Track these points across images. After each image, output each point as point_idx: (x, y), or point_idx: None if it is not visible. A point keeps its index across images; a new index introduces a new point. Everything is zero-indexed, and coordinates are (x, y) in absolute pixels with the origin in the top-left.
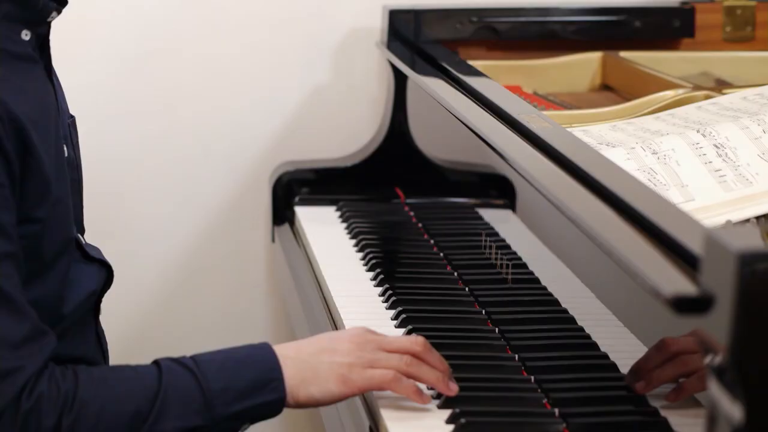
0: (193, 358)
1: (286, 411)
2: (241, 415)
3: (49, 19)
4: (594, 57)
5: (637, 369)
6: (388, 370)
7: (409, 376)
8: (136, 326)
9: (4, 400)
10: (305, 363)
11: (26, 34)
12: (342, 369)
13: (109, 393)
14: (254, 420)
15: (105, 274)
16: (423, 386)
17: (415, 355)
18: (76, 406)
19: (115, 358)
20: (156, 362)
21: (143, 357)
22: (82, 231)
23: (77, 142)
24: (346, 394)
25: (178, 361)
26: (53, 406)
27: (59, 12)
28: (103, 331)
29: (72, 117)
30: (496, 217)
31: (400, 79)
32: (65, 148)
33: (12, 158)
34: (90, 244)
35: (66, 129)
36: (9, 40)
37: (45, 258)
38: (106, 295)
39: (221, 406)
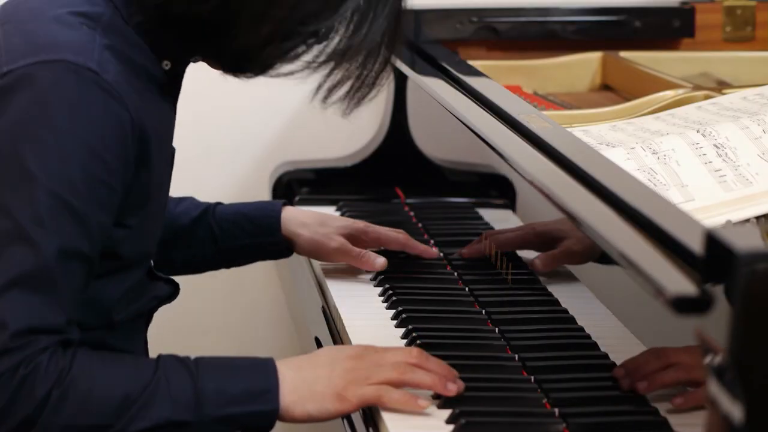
0: (196, 359)
1: None
2: (231, 420)
3: (192, 60)
4: (594, 57)
5: (635, 370)
6: (378, 386)
7: (403, 383)
8: None
9: (2, 367)
10: (304, 381)
11: (167, 65)
12: (338, 388)
13: (102, 374)
14: (245, 429)
15: (171, 289)
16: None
17: (411, 365)
18: (67, 381)
19: None
20: (158, 356)
21: None
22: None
23: (170, 173)
24: (341, 412)
25: (179, 359)
26: (47, 377)
27: (203, 59)
28: (147, 339)
29: (173, 149)
30: (496, 217)
31: (400, 79)
32: None
33: (130, 167)
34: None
35: (172, 160)
36: (152, 63)
37: (119, 263)
38: None
39: (212, 407)
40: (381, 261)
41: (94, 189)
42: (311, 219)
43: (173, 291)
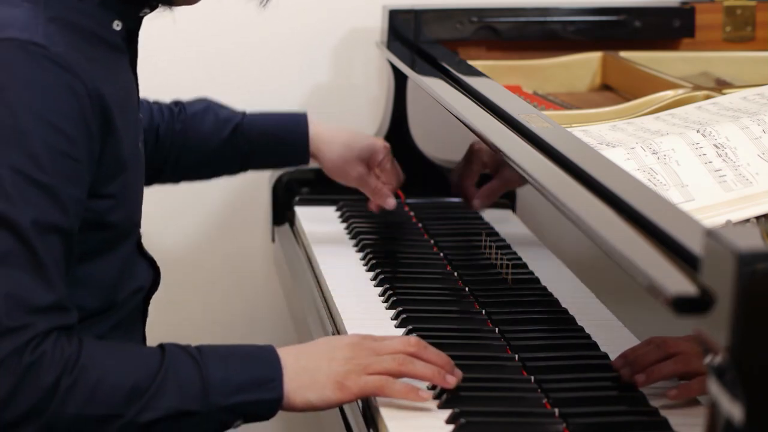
0: (198, 347)
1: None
2: (236, 409)
3: (141, 14)
4: (594, 57)
5: (634, 362)
6: (380, 377)
7: (403, 374)
8: None
9: (4, 351)
10: (304, 369)
11: (117, 25)
12: (338, 376)
13: (111, 364)
14: (248, 417)
15: (153, 274)
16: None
17: (409, 355)
18: (76, 370)
19: None
20: (161, 345)
21: None
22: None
23: (143, 140)
24: (342, 400)
25: (183, 347)
26: (54, 365)
27: (152, 9)
28: (145, 337)
29: (138, 113)
30: (496, 217)
31: (400, 79)
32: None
33: (95, 136)
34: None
35: (140, 125)
36: (102, 26)
37: (110, 234)
38: None
39: (218, 395)
40: (392, 202)
41: (58, 162)
42: (337, 138)
43: (156, 275)
